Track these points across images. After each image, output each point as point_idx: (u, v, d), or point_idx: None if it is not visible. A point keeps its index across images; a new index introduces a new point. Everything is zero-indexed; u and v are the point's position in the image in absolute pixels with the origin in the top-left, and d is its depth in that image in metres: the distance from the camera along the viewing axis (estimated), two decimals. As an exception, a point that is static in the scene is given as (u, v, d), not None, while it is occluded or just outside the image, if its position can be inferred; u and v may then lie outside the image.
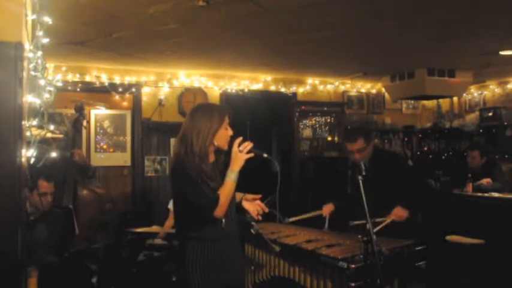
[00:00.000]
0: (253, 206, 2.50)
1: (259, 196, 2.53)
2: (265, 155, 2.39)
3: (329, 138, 6.96)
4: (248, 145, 2.34)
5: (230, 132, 2.39)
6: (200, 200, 2.25)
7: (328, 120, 6.99)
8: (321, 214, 3.58)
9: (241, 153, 2.32)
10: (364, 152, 3.35)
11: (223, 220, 2.32)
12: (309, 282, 2.66)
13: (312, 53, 4.98)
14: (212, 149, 2.36)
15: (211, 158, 2.38)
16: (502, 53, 4.86)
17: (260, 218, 2.48)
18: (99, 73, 5.60)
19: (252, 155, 2.34)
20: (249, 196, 2.53)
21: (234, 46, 4.60)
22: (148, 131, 5.87)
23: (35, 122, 2.05)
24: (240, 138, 2.35)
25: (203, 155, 2.30)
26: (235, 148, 2.33)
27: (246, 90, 6.31)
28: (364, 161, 3.22)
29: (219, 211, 2.25)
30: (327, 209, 3.59)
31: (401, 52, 5.01)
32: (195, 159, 2.27)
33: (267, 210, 2.51)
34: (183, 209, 2.34)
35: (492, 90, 7.04)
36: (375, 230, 2.87)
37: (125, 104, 5.96)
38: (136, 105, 5.86)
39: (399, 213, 3.23)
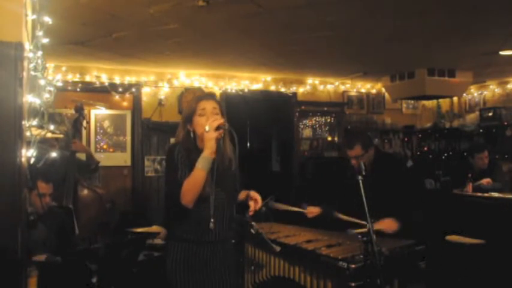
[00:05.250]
0: (253, 202, 2.35)
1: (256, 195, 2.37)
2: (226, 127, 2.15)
3: (329, 138, 6.97)
4: (214, 122, 2.09)
5: (207, 119, 2.14)
6: (168, 183, 2.18)
7: (328, 120, 6.99)
8: (303, 212, 3.44)
9: (207, 133, 2.08)
10: (361, 159, 3.20)
11: (212, 220, 2.16)
12: (309, 282, 2.66)
13: (312, 53, 4.98)
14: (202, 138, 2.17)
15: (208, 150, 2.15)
16: (502, 53, 4.86)
17: (252, 213, 2.33)
18: (99, 73, 5.60)
19: (221, 132, 2.12)
20: (252, 194, 2.37)
21: (234, 46, 4.60)
22: (148, 131, 5.87)
23: (35, 122, 2.05)
24: (213, 121, 2.10)
25: (185, 141, 2.21)
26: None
27: (246, 90, 6.31)
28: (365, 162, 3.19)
29: (184, 198, 2.08)
30: (312, 211, 3.43)
31: (401, 52, 5.01)
32: (182, 144, 2.21)
33: (259, 206, 2.34)
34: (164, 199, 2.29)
35: (492, 90, 7.04)
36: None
37: (125, 104, 5.96)
38: (136, 105, 5.86)
39: (390, 225, 3.09)
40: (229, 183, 2.31)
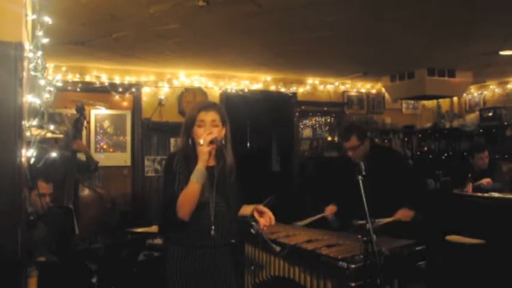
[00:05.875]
0: (263, 218, 2.29)
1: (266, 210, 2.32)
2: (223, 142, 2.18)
3: (329, 138, 6.97)
4: (208, 136, 2.12)
5: (205, 131, 2.16)
6: (165, 194, 2.19)
7: (328, 120, 6.99)
8: (324, 216, 3.59)
9: (201, 146, 2.11)
10: (358, 150, 3.38)
11: (212, 227, 2.19)
12: (309, 282, 2.66)
13: (312, 53, 4.98)
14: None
15: (210, 161, 2.19)
16: (502, 53, 4.86)
17: (265, 229, 2.32)
18: (99, 73, 5.60)
19: (214, 146, 2.14)
20: (259, 207, 2.33)
21: (234, 46, 4.60)
22: (148, 131, 5.87)
23: (35, 122, 2.05)
24: (207, 135, 2.13)
25: (185, 150, 2.21)
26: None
27: (246, 90, 6.31)
28: (361, 159, 3.23)
29: (179, 211, 2.10)
30: (330, 210, 3.59)
31: (401, 52, 5.01)
32: (182, 153, 2.22)
33: (273, 223, 2.31)
34: (161, 203, 2.29)
35: (492, 90, 7.04)
36: (378, 223, 2.88)
37: (125, 104, 5.96)
38: (136, 105, 5.86)
39: (405, 213, 3.27)
40: (230, 191, 2.30)
